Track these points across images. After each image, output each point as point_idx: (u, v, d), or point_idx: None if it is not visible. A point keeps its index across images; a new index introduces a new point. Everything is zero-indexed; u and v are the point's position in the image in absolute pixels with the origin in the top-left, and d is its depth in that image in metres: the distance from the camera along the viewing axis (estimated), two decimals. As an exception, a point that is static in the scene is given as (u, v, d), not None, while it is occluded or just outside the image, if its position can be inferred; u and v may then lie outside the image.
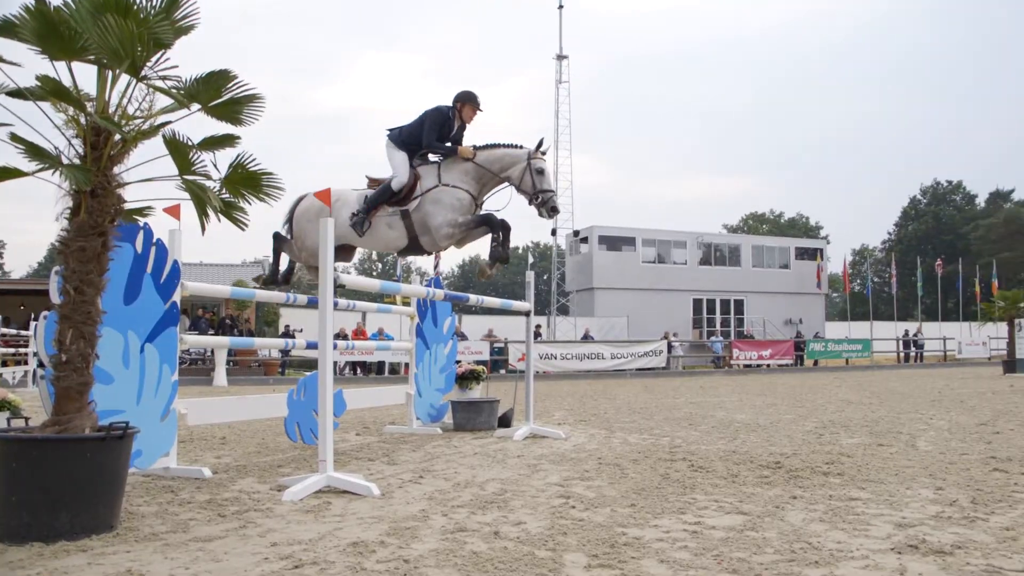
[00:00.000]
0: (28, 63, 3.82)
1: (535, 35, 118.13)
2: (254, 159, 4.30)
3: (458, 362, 9.38)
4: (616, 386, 17.76)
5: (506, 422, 8.60)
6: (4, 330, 20.51)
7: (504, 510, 4.34)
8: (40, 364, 5.47)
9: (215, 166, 4.21)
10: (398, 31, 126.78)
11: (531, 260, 50.16)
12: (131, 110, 4.03)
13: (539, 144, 7.04)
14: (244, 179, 4.30)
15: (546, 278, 60.58)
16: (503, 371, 25.50)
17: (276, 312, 31.86)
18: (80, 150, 3.93)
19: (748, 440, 7.44)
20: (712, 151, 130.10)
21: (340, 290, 5.33)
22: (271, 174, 4.35)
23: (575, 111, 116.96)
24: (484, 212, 7.01)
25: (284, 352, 23.79)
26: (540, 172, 6.92)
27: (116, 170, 4.02)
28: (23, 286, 33.77)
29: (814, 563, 3.22)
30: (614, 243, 39.42)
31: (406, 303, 9.18)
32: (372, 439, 7.90)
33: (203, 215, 4.15)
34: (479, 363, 12.33)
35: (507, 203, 7.10)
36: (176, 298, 5.53)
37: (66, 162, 3.86)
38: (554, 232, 38.68)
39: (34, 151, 3.78)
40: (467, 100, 7.20)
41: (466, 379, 9.12)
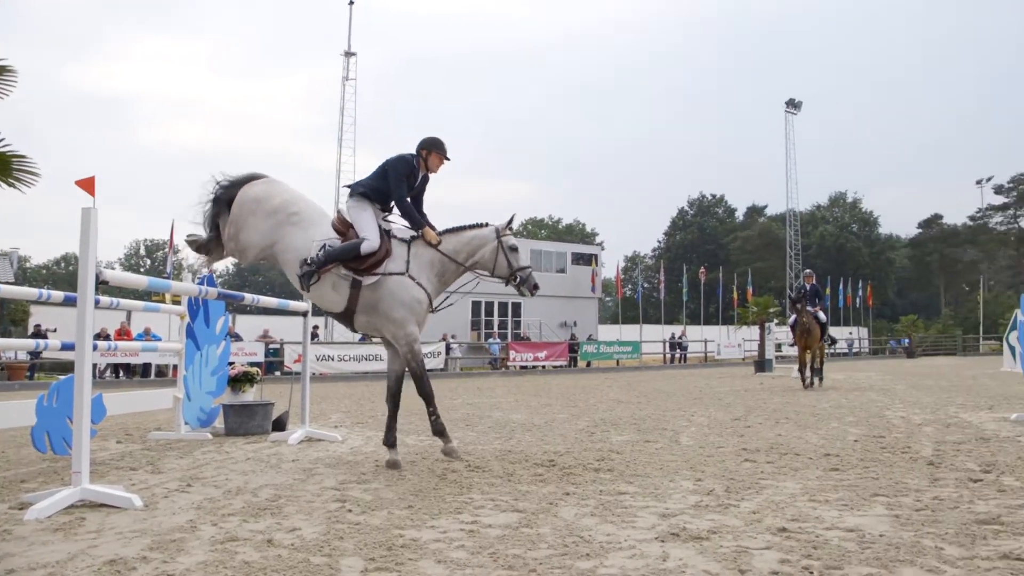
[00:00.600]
0: None
1: (324, 29, 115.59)
2: (3, 140, 3.91)
3: (231, 364, 8.99)
4: (397, 388, 17.72)
5: (281, 426, 8.33)
6: None
7: (278, 517, 4.20)
8: None
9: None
10: (176, 10, 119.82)
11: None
12: None
13: (509, 220, 6.54)
14: (-11, 161, 3.90)
15: (327, 278, 59.32)
16: (278, 373, 24.73)
17: (26, 310, 29.23)
18: None
19: (524, 439, 7.63)
20: (495, 156, 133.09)
21: (103, 287, 4.90)
22: (23, 156, 3.97)
23: (362, 110, 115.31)
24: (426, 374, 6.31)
25: (33, 354, 21.86)
26: (514, 250, 6.47)
27: None
28: None
29: (585, 556, 3.34)
30: (394, 244, 39.32)
31: (176, 301, 8.70)
32: (135, 447, 7.40)
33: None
34: (253, 365, 11.88)
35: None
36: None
37: None
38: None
39: None
40: (433, 148, 6.49)
41: (239, 381, 8.75)
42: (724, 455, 6.31)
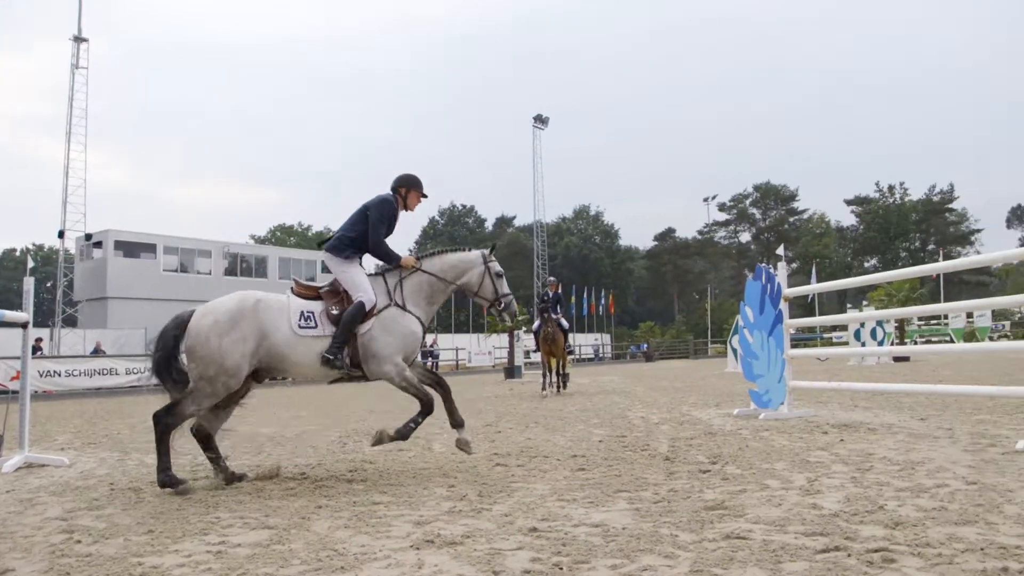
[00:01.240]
0: None
1: (51, 11, 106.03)
2: None
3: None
4: (133, 404, 16.53)
5: (-7, 453, 7.49)
6: None
7: (-11, 555, 3.76)
8: None
9: None
10: None
11: (31, 264, 44.69)
12: None
13: (492, 248, 6.59)
14: None
15: (50, 285, 54.65)
16: (-7, 393, 22.33)
17: None
18: None
19: (274, 453, 7.37)
20: (241, 159, 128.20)
21: None
22: None
23: (98, 102, 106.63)
24: (426, 393, 6.01)
25: None
26: (500, 276, 6.44)
27: None
28: None
29: (340, 569, 3.26)
30: (132, 249, 36.94)
31: None
32: None
33: None
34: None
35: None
36: None
37: None
38: (61, 234, 35.00)
39: None
40: (412, 186, 6.32)
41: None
42: (476, 460, 6.41)
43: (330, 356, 5.66)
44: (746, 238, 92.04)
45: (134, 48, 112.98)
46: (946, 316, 42.95)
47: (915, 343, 37.21)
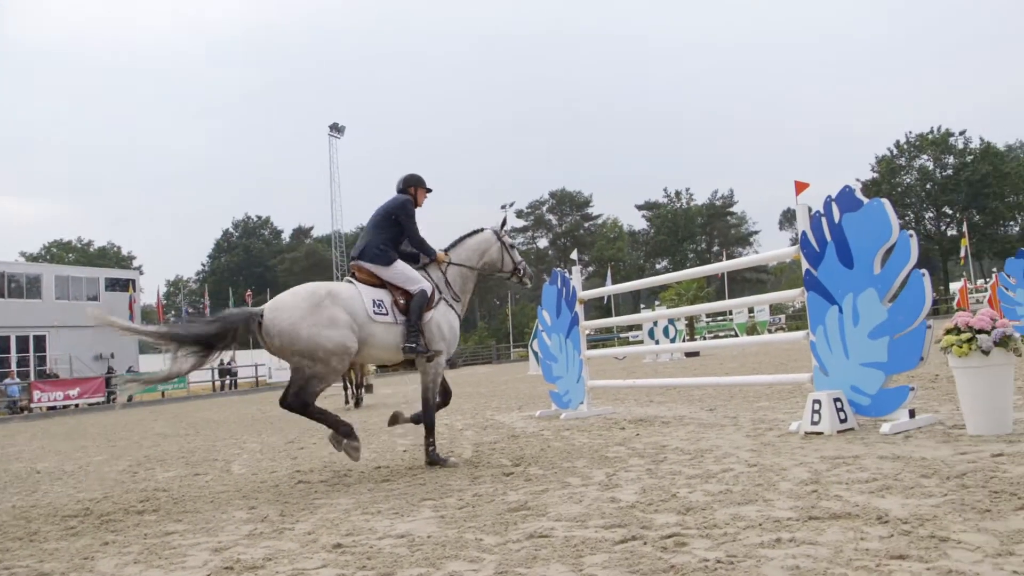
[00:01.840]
0: None
1: None
2: None
3: None
4: None
5: None
6: None
7: None
8: None
9: None
10: None
11: None
12: None
13: (503, 222, 6.96)
14: None
15: None
16: None
17: None
18: None
19: (52, 491, 6.82)
20: (9, 170, 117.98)
21: None
22: None
23: None
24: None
25: None
26: (513, 247, 6.92)
27: None
28: None
29: (126, 608, 3.05)
30: None
31: None
32: None
33: None
34: None
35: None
36: None
37: None
38: None
39: None
40: (420, 184, 6.62)
41: None
42: (278, 479, 6.21)
43: (411, 345, 6.04)
44: (544, 244, 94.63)
45: None
46: (730, 312, 46.12)
47: (704, 339, 39.65)
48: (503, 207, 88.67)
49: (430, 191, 6.74)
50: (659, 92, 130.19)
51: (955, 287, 45.51)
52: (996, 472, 3.85)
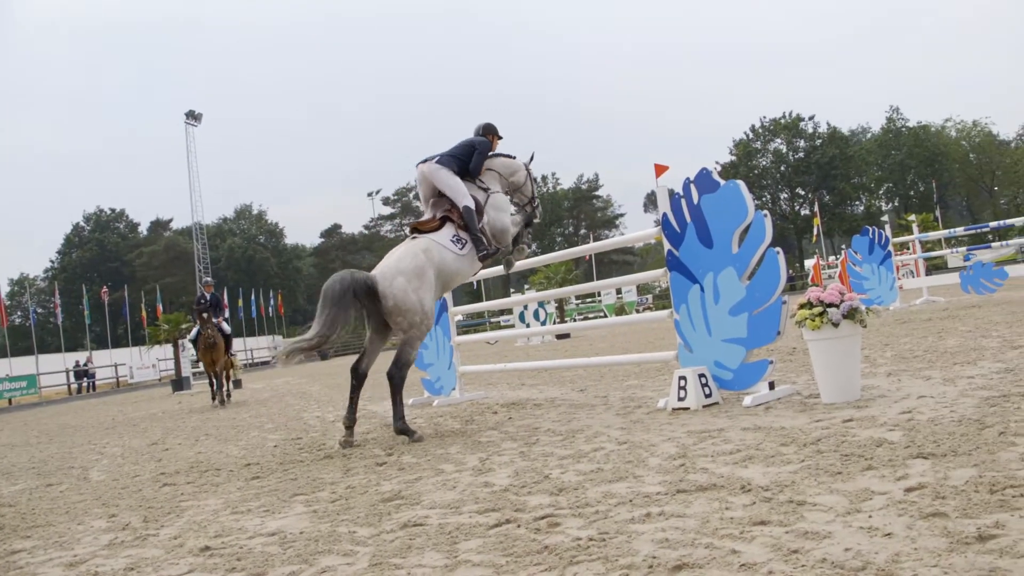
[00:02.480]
0: None
1: None
2: None
3: None
4: None
5: None
6: None
7: None
8: None
9: None
10: None
11: None
12: None
13: (531, 157, 7.75)
14: None
15: None
16: None
17: None
18: None
19: None
20: None
21: None
22: None
23: None
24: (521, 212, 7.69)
25: None
26: (535, 180, 7.75)
27: None
28: None
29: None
30: None
31: None
32: None
33: None
34: None
35: None
36: None
37: None
38: None
39: None
40: (495, 132, 7.57)
41: None
42: (141, 484, 5.95)
43: (484, 252, 7.01)
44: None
45: None
46: (599, 294, 47.11)
47: (574, 320, 40.39)
48: (369, 195, 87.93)
49: (501, 138, 7.68)
50: (522, 76, 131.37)
51: (809, 264, 47.87)
52: (846, 436, 4.06)
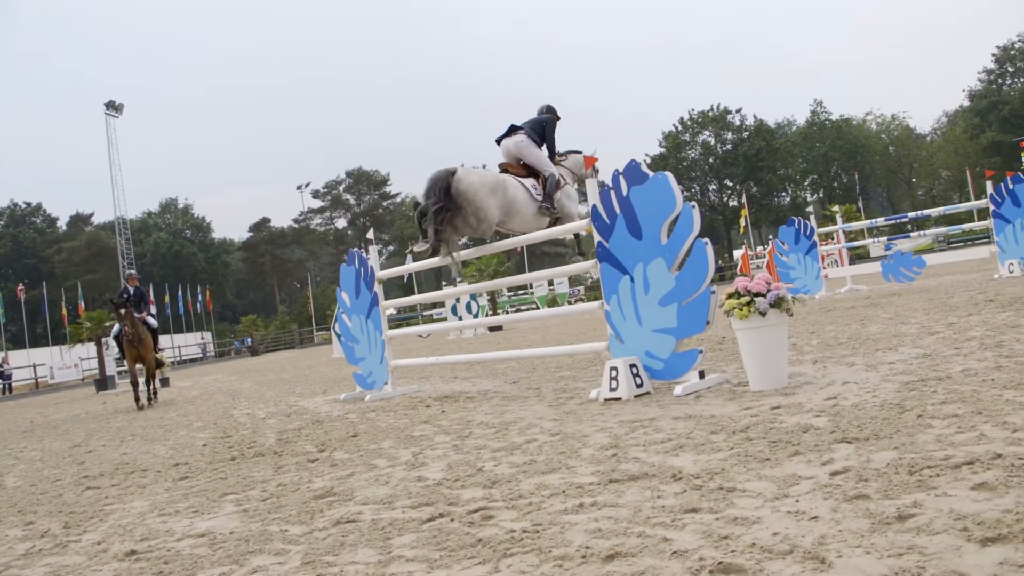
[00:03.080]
0: None
1: None
2: None
3: None
4: None
5: None
6: None
7: None
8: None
9: None
10: None
11: None
12: None
13: (594, 151, 8.35)
14: None
15: None
16: None
17: None
18: None
19: None
20: None
21: None
22: None
23: None
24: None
25: None
26: (596, 172, 8.13)
27: None
28: None
29: None
30: None
31: None
32: None
33: None
34: None
35: None
36: None
37: None
38: None
39: None
40: (555, 111, 8.64)
41: None
42: (62, 488, 5.76)
43: (548, 211, 8.05)
44: (342, 224, 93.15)
45: None
46: (531, 285, 47.25)
47: (507, 312, 40.47)
48: (299, 188, 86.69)
49: (559, 119, 8.62)
50: (451, 65, 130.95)
51: (738, 254, 48.80)
52: (774, 423, 4.15)
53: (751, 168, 72.53)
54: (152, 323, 14.31)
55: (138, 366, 13.64)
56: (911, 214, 17.89)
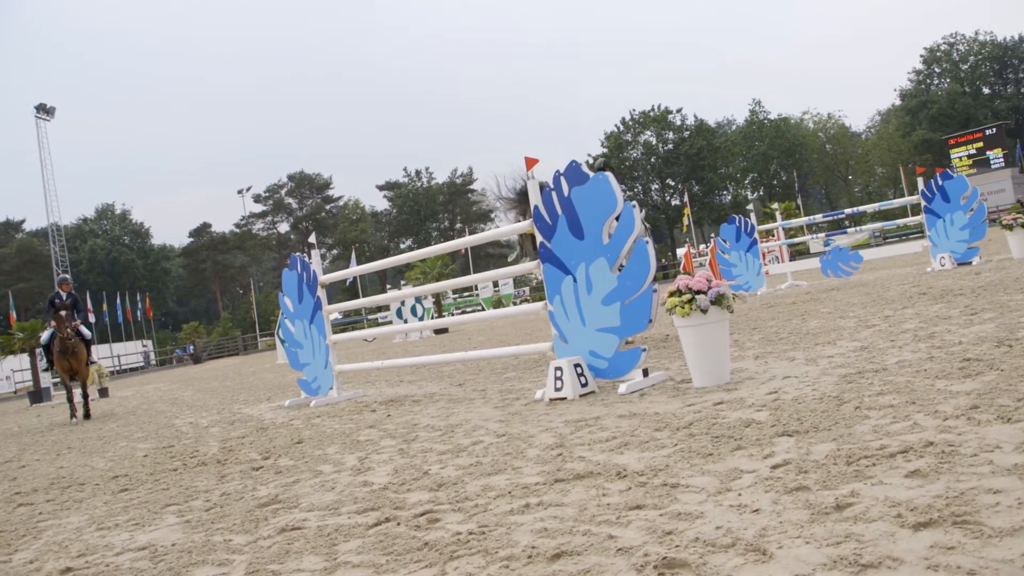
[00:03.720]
0: None
1: None
2: None
3: None
4: None
5: None
6: None
7: None
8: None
9: None
10: None
11: None
12: None
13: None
14: None
15: None
16: None
17: None
18: None
19: None
20: None
21: None
22: None
23: None
24: None
25: None
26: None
27: None
28: None
29: None
30: None
31: None
32: None
33: None
34: None
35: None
36: None
37: None
38: None
39: None
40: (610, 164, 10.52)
41: None
42: (-6, 503, 5.60)
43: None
44: (285, 228, 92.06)
45: None
46: (476, 287, 47.26)
47: (452, 315, 40.41)
48: (239, 192, 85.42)
49: (613, 169, 9.43)
50: (393, 66, 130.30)
51: (681, 252, 49.36)
52: (717, 419, 4.20)
53: (692, 167, 73.48)
54: (85, 333, 13.43)
55: (74, 383, 13.12)
56: (848, 210, 18.27)
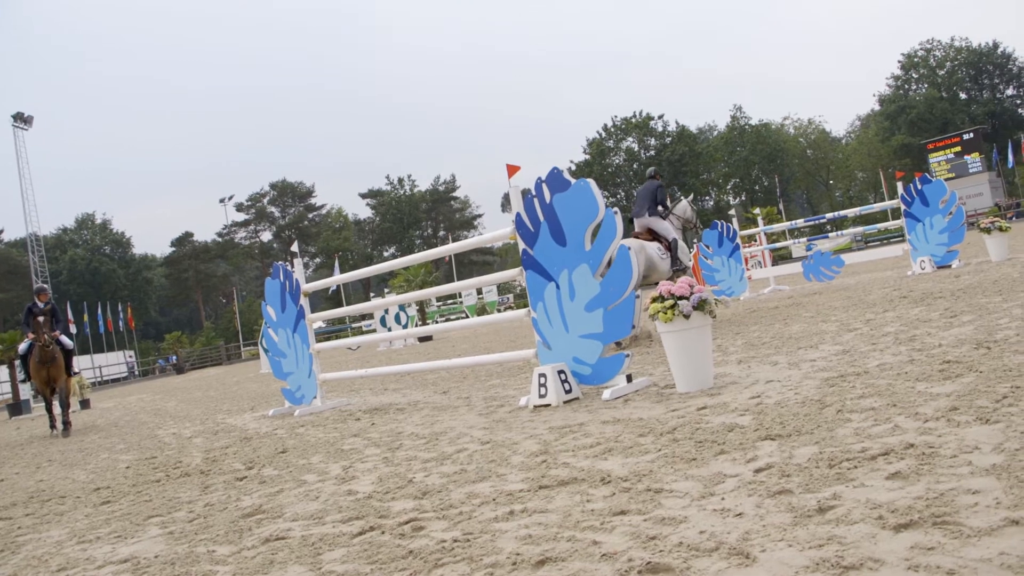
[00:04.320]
0: None
1: None
2: None
3: None
4: None
5: None
6: None
7: None
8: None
9: None
10: None
11: None
12: None
13: (692, 196, 11.34)
14: None
15: None
16: None
17: None
18: None
19: None
20: None
21: None
22: None
23: None
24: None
25: None
26: (696, 208, 11.62)
27: None
28: None
29: None
30: None
31: None
32: None
33: None
34: None
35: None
36: None
37: None
38: None
39: None
40: (658, 171, 12.05)
41: None
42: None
43: (676, 268, 10.66)
44: (267, 237, 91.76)
45: None
46: (460, 294, 47.18)
47: (436, 322, 40.38)
48: (221, 201, 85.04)
49: (662, 177, 11.61)
50: (369, 74, 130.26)
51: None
52: (700, 424, 4.22)
53: (675, 173, 73.76)
54: (67, 343, 12.97)
55: (55, 395, 12.59)
56: (829, 215, 18.41)
